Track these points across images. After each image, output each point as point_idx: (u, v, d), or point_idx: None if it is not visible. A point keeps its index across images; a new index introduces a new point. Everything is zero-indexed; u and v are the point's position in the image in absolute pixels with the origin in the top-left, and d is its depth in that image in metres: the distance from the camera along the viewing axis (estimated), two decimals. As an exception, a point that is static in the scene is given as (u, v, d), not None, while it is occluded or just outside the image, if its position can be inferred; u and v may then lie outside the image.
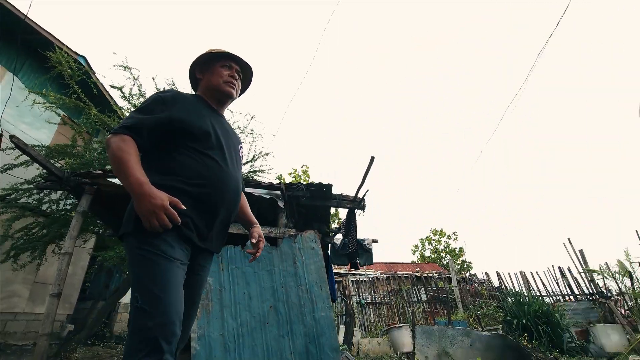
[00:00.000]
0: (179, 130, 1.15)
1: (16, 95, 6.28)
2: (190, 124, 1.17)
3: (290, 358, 2.47)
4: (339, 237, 4.72)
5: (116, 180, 2.82)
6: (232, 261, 2.77)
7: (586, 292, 7.56)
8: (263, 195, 3.06)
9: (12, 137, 2.41)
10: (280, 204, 3.07)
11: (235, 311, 2.58)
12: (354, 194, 3.58)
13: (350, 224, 3.81)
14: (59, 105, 5.51)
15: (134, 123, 1.09)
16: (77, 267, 7.65)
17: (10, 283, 6.23)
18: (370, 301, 8.79)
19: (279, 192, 3.11)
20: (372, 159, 3.19)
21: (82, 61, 6.86)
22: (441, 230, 24.35)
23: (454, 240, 23.86)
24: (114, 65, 5.58)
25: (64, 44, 6.65)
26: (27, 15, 6.12)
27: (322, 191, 3.41)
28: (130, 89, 5.73)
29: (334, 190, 3.53)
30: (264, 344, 2.51)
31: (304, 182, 3.52)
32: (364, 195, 3.55)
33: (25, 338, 6.41)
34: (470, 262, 21.83)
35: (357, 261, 4.32)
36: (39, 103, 5.30)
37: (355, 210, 3.69)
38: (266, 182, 3.27)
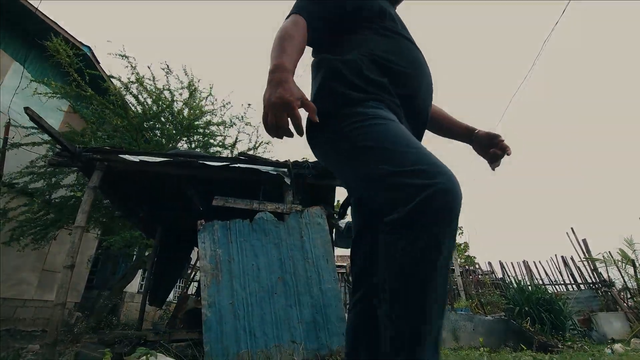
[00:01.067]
0: (359, 12, 0.98)
1: (23, 84, 6.35)
2: (372, 3, 1.00)
3: (297, 327, 2.55)
4: (342, 222, 4.77)
5: (127, 157, 2.89)
6: (241, 234, 2.85)
7: (589, 280, 7.57)
8: (270, 172, 3.12)
9: (26, 109, 2.48)
10: (287, 180, 3.13)
11: (244, 281, 2.65)
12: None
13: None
14: (62, 95, 5.57)
15: (312, 8, 0.94)
16: (83, 256, 7.75)
17: (20, 270, 6.32)
18: (373, 291, 8.84)
19: (285, 170, 3.17)
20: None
21: (86, 51, 6.91)
22: (445, 225, 24.24)
23: (459, 235, 23.84)
24: (111, 54, 5.67)
25: (68, 33, 6.68)
26: (38, 9, 6.17)
27: (328, 170, 3.44)
28: (129, 78, 5.81)
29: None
30: (272, 312, 2.59)
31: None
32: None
33: (34, 324, 6.52)
34: (474, 257, 21.84)
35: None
36: (40, 94, 5.36)
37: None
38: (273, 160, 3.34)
